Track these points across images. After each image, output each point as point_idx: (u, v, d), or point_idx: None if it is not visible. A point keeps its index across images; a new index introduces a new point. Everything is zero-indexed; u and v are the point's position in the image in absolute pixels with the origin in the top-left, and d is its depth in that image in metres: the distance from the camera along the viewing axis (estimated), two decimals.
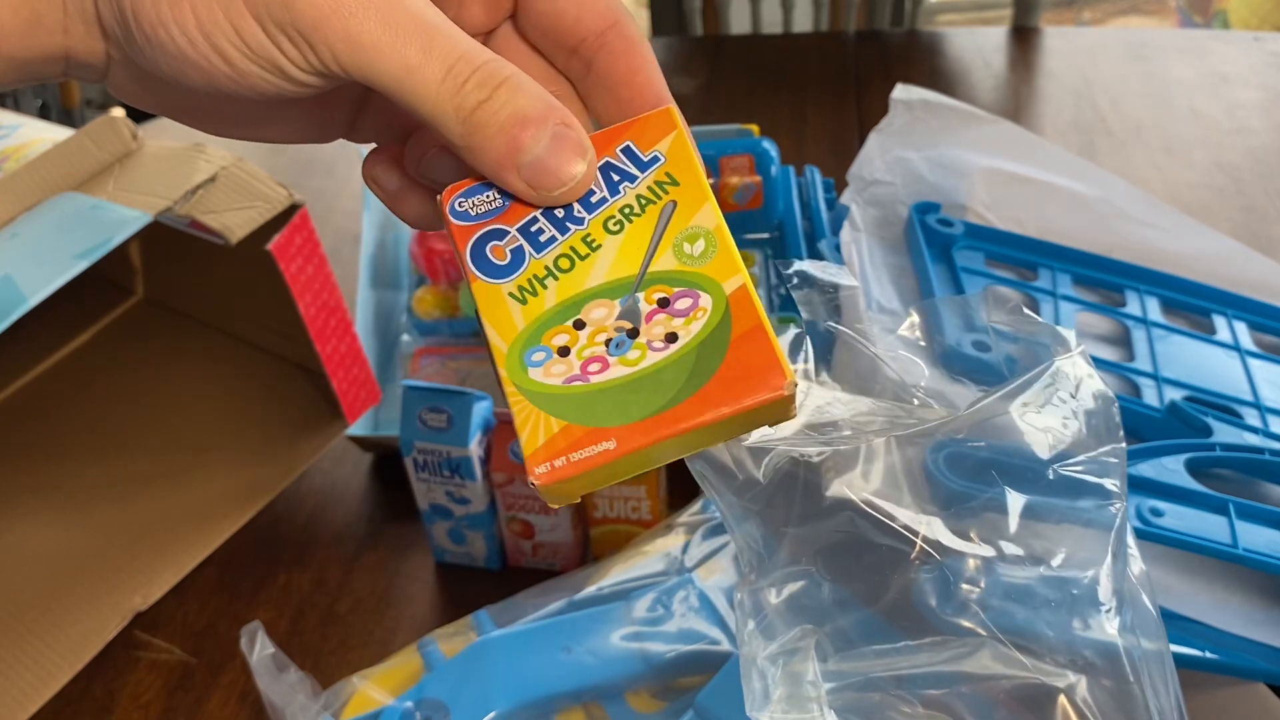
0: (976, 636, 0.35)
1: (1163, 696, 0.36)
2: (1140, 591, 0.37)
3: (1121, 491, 0.37)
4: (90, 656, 0.60)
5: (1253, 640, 0.49)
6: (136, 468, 0.72)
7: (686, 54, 1.24)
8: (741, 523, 0.37)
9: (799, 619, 0.35)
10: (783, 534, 0.36)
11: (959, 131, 0.73)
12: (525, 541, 0.62)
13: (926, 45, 1.22)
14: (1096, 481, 0.37)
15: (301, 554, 0.66)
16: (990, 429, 0.37)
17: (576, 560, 0.63)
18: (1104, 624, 0.36)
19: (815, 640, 0.34)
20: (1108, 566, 0.36)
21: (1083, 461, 0.37)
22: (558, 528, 0.61)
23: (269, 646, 0.50)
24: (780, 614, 0.35)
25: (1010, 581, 0.36)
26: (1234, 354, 0.63)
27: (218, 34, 0.27)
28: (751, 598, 0.35)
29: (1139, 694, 0.35)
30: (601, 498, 0.60)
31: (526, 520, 0.61)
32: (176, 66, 0.28)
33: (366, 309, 0.75)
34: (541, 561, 0.63)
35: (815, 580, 0.36)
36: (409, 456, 0.59)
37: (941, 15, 2.70)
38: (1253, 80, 1.08)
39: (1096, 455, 0.37)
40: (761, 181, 0.69)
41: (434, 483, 0.60)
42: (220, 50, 0.27)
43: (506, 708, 0.48)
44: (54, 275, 0.53)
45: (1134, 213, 0.72)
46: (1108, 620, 0.36)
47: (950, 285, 0.63)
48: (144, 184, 0.59)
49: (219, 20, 0.27)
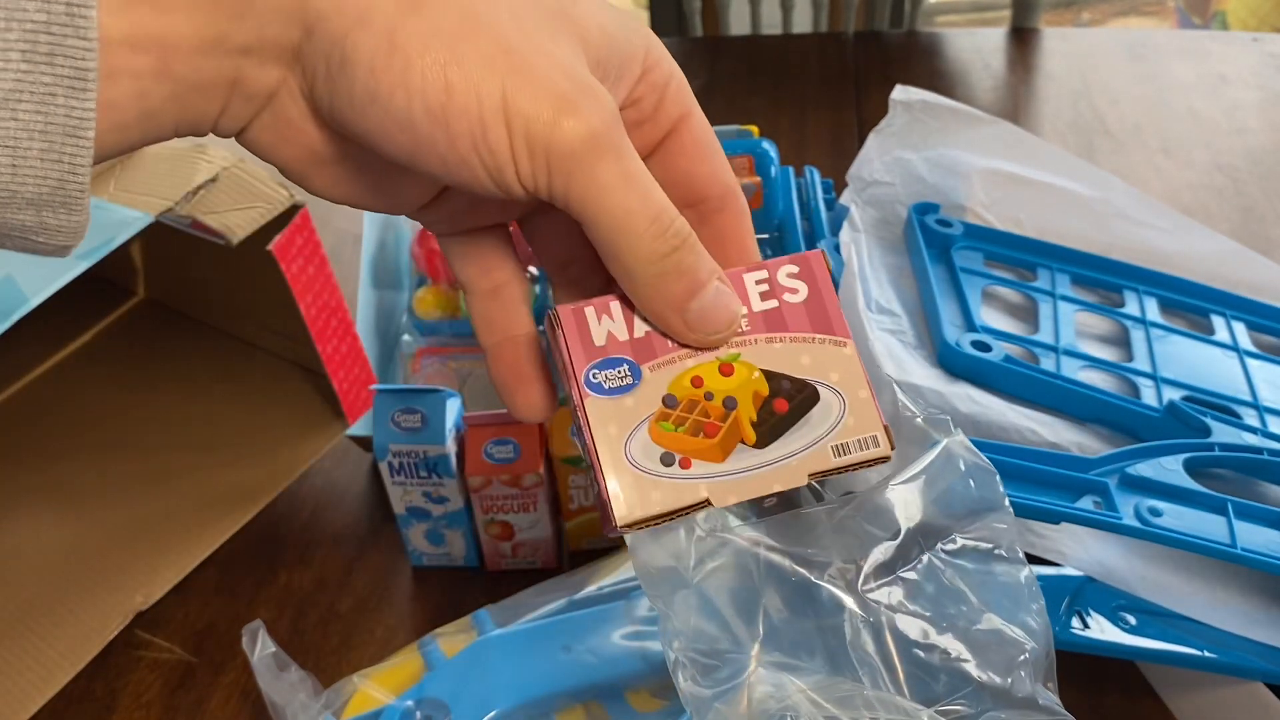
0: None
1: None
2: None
3: (1021, 558, 0.40)
4: (92, 656, 0.60)
5: (1252, 640, 0.49)
6: (137, 468, 0.72)
7: (686, 54, 1.24)
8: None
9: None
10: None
11: (958, 132, 0.73)
12: (504, 543, 0.62)
13: (926, 46, 1.22)
14: (991, 546, 0.39)
15: (302, 554, 0.66)
16: (885, 504, 0.38)
17: (555, 556, 0.63)
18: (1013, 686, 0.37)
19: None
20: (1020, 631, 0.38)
21: (978, 528, 0.39)
22: (537, 525, 0.61)
23: (270, 646, 0.50)
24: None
25: (922, 641, 0.37)
26: (1232, 354, 0.63)
27: (459, 118, 0.28)
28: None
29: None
30: (576, 488, 0.61)
31: (505, 521, 0.61)
32: (376, 126, 0.28)
33: (367, 309, 0.76)
34: (522, 561, 0.63)
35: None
36: (384, 460, 0.60)
37: (941, 16, 2.70)
38: (1251, 81, 1.08)
39: (989, 522, 0.39)
40: (761, 182, 0.69)
41: (410, 485, 0.61)
42: (451, 132, 0.28)
43: (507, 707, 0.48)
44: (55, 276, 0.53)
45: (1133, 213, 0.72)
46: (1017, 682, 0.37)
47: (949, 285, 0.63)
48: (145, 184, 0.59)
49: (470, 107, 0.28)
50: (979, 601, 0.38)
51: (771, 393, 0.32)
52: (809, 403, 0.32)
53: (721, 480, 0.31)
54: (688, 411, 0.32)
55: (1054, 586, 0.51)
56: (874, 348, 0.55)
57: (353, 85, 0.28)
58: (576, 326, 0.32)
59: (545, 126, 0.28)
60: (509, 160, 0.28)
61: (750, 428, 0.32)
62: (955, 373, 0.57)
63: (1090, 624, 0.50)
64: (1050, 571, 0.52)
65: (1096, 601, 0.50)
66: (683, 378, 0.32)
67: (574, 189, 0.29)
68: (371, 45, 0.28)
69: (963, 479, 0.40)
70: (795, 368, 0.33)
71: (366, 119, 0.29)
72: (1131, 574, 0.51)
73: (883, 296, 0.61)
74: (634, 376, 0.32)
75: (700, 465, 0.31)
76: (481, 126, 0.28)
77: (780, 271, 0.34)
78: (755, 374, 0.32)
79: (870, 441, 0.32)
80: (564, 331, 0.32)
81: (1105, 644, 0.49)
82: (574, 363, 0.32)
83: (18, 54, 0.26)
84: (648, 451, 0.31)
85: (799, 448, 0.32)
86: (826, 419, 0.32)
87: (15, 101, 0.27)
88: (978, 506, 0.41)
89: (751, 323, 0.33)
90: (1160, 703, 0.53)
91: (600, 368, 0.32)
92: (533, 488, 0.60)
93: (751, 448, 0.32)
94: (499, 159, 0.28)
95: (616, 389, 0.32)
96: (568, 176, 0.29)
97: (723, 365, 0.32)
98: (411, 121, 0.28)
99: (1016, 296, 0.66)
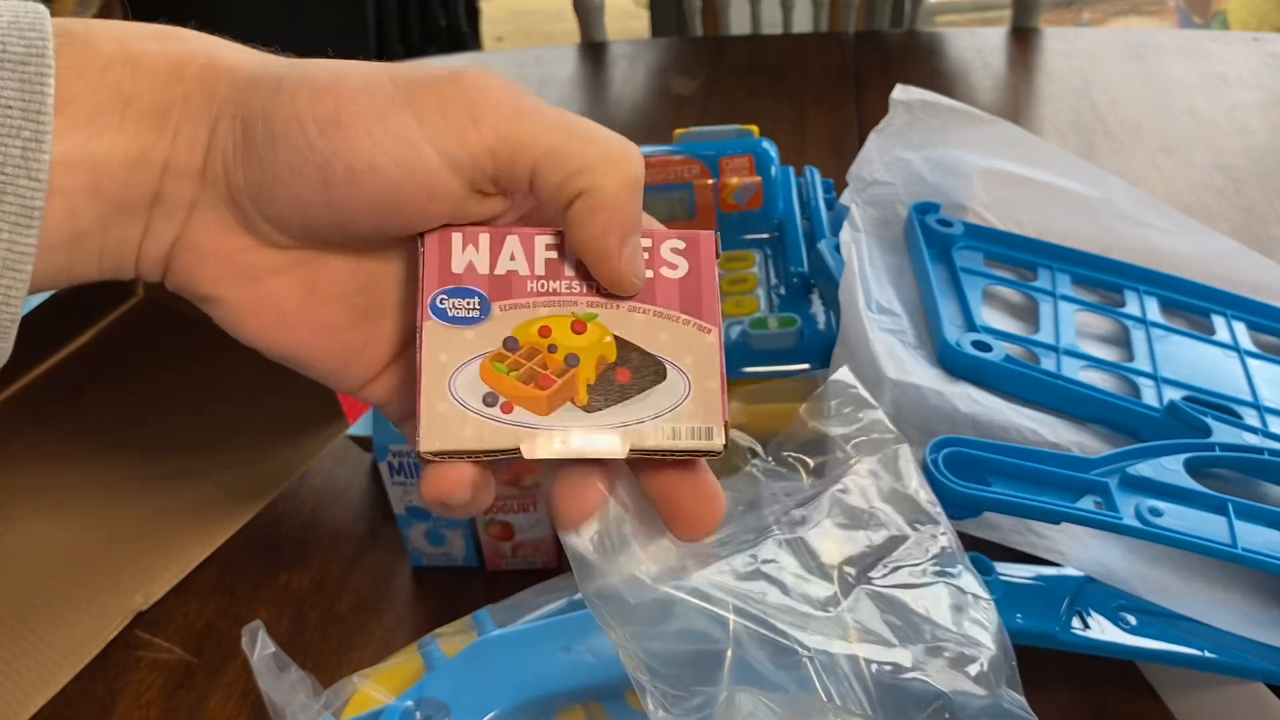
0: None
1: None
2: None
3: (960, 568, 0.40)
4: (91, 656, 0.60)
5: (1252, 640, 0.49)
6: (137, 468, 0.72)
7: (686, 54, 1.24)
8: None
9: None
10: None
11: (958, 132, 0.73)
12: (504, 544, 0.62)
13: (926, 46, 1.22)
14: (926, 563, 0.40)
15: (302, 554, 0.66)
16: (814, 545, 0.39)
17: (555, 556, 0.63)
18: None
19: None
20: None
21: (910, 547, 0.40)
22: (537, 525, 0.61)
23: (270, 646, 0.50)
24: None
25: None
26: (1233, 354, 0.63)
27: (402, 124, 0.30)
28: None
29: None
30: None
31: (505, 521, 0.61)
32: (313, 168, 0.30)
33: None
34: (522, 561, 0.63)
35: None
36: (384, 461, 0.60)
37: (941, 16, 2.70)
38: (1252, 81, 1.08)
39: (921, 540, 0.40)
40: (761, 182, 0.69)
41: (411, 485, 0.60)
42: (405, 139, 0.30)
43: (507, 707, 0.48)
44: None
45: (1133, 213, 0.72)
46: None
47: (950, 285, 0.63)
48: None
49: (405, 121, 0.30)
50: (925, 618, 0.38)
51: (619, 361, 0.31)
52: (653, 379, 0.31)
53: (539, 433, 0.30)
54: (525, 358, 0.31)
55: (1054, 587, 0.51)
56: (874, 348, 0.55)
57: (266, 132, 0.30)
58: (439, 250, 0.32)
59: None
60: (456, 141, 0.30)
61: (584, 389, 0.31)
62: (955, 373, 0.57)
63: (1090, 624, 0.50)
64: (1050, 572, 0.52)
65: (1097, 602, 0.50)
66: (531, 324, 0.31)
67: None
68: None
69: (894, 499, 0.41)
70: (650, 342, 0.32)
71: (277, 174, 0.30)
72: (1132, 574, 0.51)
73: (883, 296, 0.61)
74: (482, 311, 0.31)
75: (521, 414, 0.30)
76: (418, 125, 0.30)
77: (665, 244, 0.33)
78: (607, 338, 0.31)
79: (705, 432, 0.31)
80: (424, 251, 0.32)
81: (1105, 644, 0.49)
82: (425, 283, 0.31)
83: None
84: (473, 388, 0.31)
85: (628, 420, 0.31)
86: (667, 399, 0.31)
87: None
88: (914, 519, 0.41)
89: None
90: (1160, 703, 0.53)
91: (450, 295, 0.31)
92: (533, 488, 0.60)
93: (580, 409, 0.31)
94: (451, 141, 0.30)
95: (460, 318, 0.31)
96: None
97: (576, 322, 0.32)
98: (356, 143, 0.30)
99: (1017, 296, 0.66)
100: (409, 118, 0.30)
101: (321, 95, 0.30)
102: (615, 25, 1.41)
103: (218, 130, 0.31)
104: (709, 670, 0.34)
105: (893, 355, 0.56)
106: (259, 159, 0.30)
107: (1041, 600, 0.50)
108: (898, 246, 0.67)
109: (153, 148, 0.30)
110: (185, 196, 0.31)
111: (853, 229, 0.64)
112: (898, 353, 0.57)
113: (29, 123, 0.28)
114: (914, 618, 0.38)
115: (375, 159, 0.29)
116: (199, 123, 0.31)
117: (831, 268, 0.62)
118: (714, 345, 0.31)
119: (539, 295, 0.32)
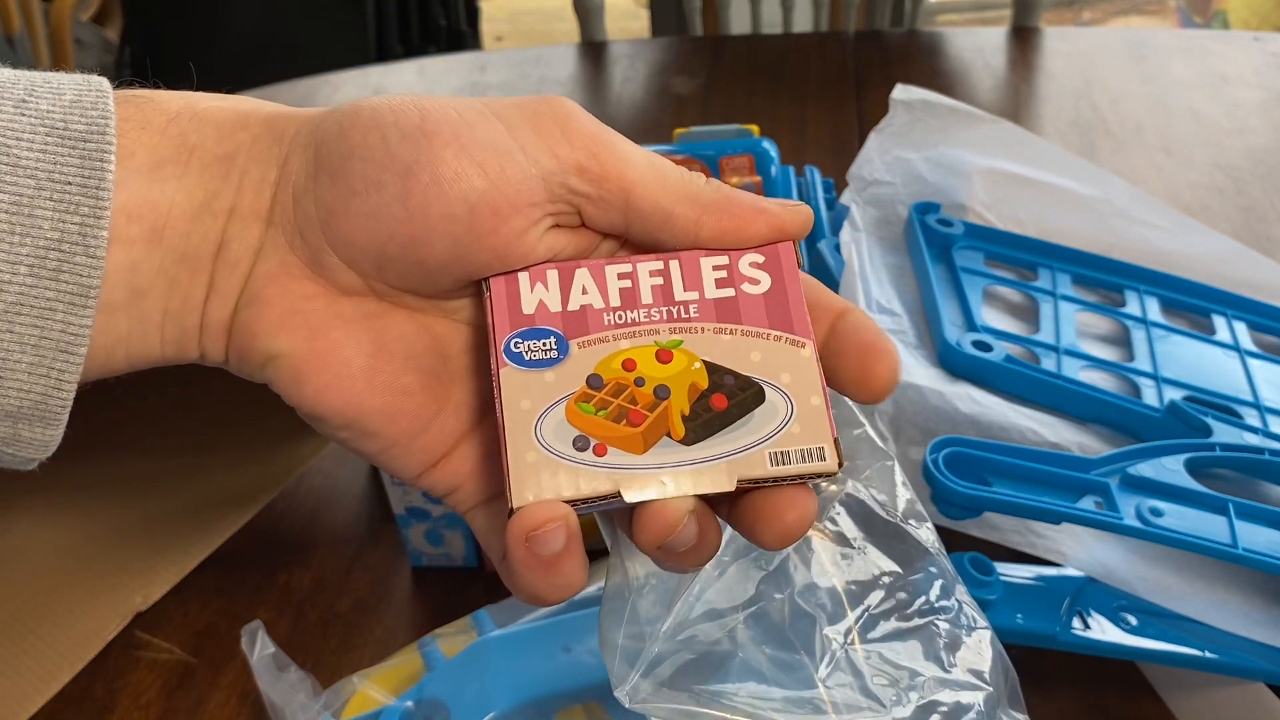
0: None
1: None
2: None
3: (955, 603, 0.40)
4: (91, 656, 0.60)
5: (1253, 641, 0.49)
6: (136, 468, 0.72)
7: (686, 54, 1.24)
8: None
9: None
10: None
11: (959, 131, 0.73)
12: None
13: (926, 45, 1.22)
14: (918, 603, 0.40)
15: (301, 554, 0.66)
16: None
17: None
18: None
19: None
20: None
21: (901, 586, 0.40)
22: None
23: (269, 646, 0.50)
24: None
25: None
26: (1234, 354, 0.63)
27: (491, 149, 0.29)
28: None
29: None
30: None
31: None
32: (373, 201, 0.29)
33: None
34: None
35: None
36: None
37: (941, 15, 2.70)
38: (1252, 80, 1.08)
39: (912, 576, 0.40)
40: (761, 181, 0.69)
41: (410, 485, 0.60)
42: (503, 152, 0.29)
43: (506, 707, 0.48)
44: None
45: (1134, 213, 0.72)
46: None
47: (950, 285, 0.63)
48: None
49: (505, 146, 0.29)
50: (914, 671, 0.37)
51: (711, 387, 0.29)
52: (752, 403, 0.29)
53: (637, 474, 0.28)
54: (613, 395, 0.29)
55: (1054, 587, 0.51)
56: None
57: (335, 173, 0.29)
58: (506, 293, 0.30)
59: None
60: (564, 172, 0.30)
61: (680, 421, 0.29)
62: (956, 373, 0.57)
63: (1091, 624, 0.50)
64: (1051, 572, 0.52)
65: (1097, 602, 0.50)
66: (614, 359, 0.29)
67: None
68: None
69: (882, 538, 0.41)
70: (743, 364, 0.29)
71: (350, 208, 0.29)
72: (1132, 574, 0.51)
73: (883, 296, 0.61)
74: (560, 350, 0.30)
75: (616, 454, 0.28)
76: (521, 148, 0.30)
77: (743, 260, 0.31)
78: (696, 365, 0.29)
79: (816, 454, 0.28)
80: (491, 296, 0.30)
81: (1106, 644, 0.49)
82: (496, 329, 0.30)
83: (26, 268, 0.27)
84: (561, 433, 0.28)
85: (731, 450, 0.29)
86: (769, 423, 0.29)
87: (15, 315, 0.27)
88: (902, 552, 0.40)
89: (701, 310, 0.30)
90: (1161, 703, 0.53)
91: (524, 337, 0.30)
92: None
93: (678, 443, 0.29)
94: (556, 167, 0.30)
95: (538, 362, 0.29)
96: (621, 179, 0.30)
97: (661, 351, 0.30)
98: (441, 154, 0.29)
99: (1017, 296, 0.66)
100: (500, 127, 0.29)
101: (405, 107, 0.29)
102: (615, 25, 1.41)
103: (288, 165, 0.30)
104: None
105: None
106: (331, 176, 0.29)
107: (1042, 600, 0.50)
108: (898, 246, 0.67)
109: (217, 195, 0.29)
110: (250, 243, 0.30)
111: (853, 229, 0.64)
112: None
113: (87, 199, 0.27)
114: (900, 673, 0.37)
115: (461, 165, 0.28)
116: (267, 164, 0.30)
117: (832, 267, 0.62)
118: (811, 360, 0.29)
119: (617, 327, 0.30)
